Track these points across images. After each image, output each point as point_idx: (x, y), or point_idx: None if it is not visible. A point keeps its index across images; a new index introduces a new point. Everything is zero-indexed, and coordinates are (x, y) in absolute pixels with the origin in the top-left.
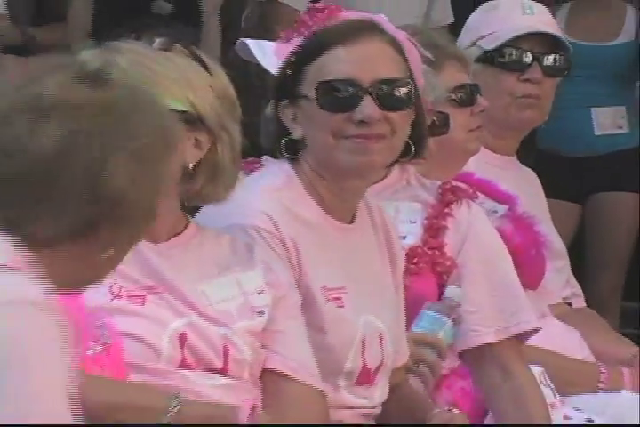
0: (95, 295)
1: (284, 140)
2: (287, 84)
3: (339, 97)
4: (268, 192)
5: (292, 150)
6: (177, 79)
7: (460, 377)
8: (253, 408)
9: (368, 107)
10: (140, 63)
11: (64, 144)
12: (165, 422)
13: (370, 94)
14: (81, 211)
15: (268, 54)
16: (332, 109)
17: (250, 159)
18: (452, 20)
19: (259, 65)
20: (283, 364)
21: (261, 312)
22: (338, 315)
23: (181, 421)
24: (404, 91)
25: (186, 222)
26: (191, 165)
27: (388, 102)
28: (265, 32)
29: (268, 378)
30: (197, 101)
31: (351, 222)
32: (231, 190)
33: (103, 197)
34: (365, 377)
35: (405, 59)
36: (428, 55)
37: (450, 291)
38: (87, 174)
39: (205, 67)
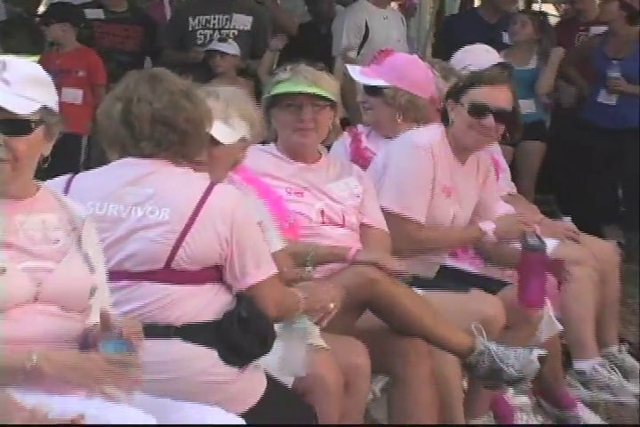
0: (279, 191)
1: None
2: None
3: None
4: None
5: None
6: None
7: None
8: (358, 249)
9: None
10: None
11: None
12: (309, 259)
13: None
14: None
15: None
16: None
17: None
18: None
19: None
20: (369, 219)
21: (358, 196)
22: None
23: (318, 257)
24: None
25: (319, 155)
26: None
27: None
28: None
29: (362, 229)
30: None
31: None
32: None
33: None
34: None
35: None
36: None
37: None
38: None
39: None
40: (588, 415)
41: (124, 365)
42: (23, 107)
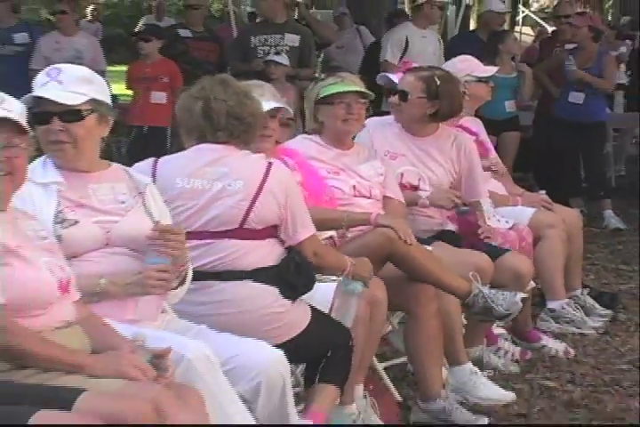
0: (321, 171)
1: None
2: None
3: None
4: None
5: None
6: None
7: None
8: (378, 213)
9: None
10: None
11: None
12: (344, 223)
13: None
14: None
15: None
16: None
17: None
18: None
19: None
20: (389, 192)
21: (382, 174)
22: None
23: (351, 221)
24: None
25: (353, 143)
26: None
27: None
28: None
29: (384, 200)
30: None
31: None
32: None
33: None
34: None
35: None
36: None
37: None
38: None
39: None
40: (553, 343)
41: (166, 273)
42: (73, 99)
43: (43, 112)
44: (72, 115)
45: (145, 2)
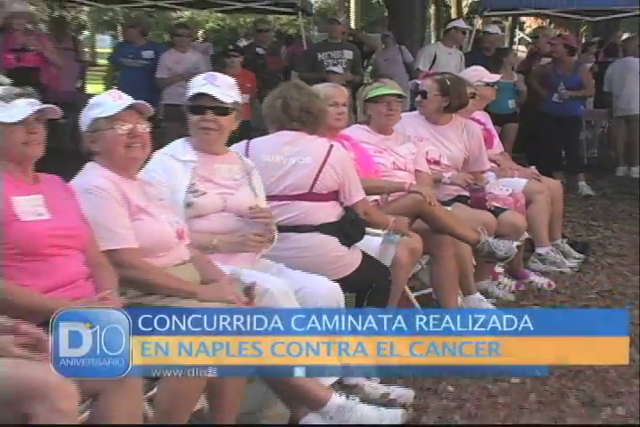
0: (369, 151)
1: None
2: None
3: None
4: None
5: None
6: None
7: None
8: (411, 183)
9: None
10: None
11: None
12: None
13: None
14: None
15: None
16: None
17: None
18: None
19: None
20: (419, 166)
21: (413, 153)
22: None
23: (391, 188)
24: None
25: (393, 130)
26: None
27: None
28: None
29: (416, 173)
30: None
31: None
32: None
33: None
34: None
35: None
36: None
37: None
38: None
39: None
40: (539, 279)
41: (261, 236)
42: (226, 99)
43: (200, 105)
44: (222, 110)
45: (239, 29)
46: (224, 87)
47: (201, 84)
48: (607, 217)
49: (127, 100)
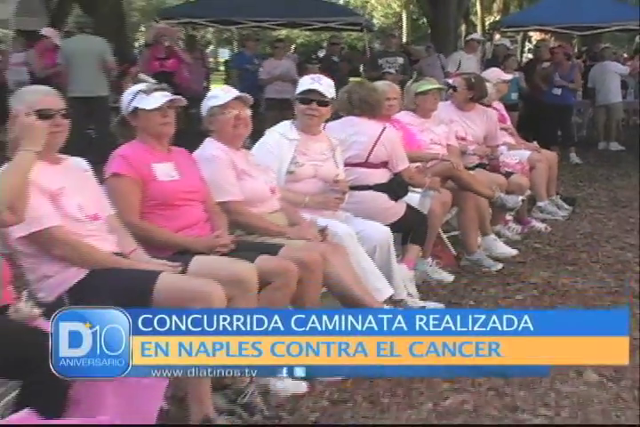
0: (413, 130)
1: None
2: None
3: None
4: None
5: None
6: None
7: None
8: (443, 154)
9: None
10: None
11: None
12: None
13: None
14: None
15: None
16: None
17: None
18: None
19: None
20: (450, 141)
21: (446, 131)
22: None
23: (429, 157)
24: None
25: (432, 115)
26: None
27: None
28: None
29: (447, 146)
30: None
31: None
32: None
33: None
34: None
35: None
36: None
37: None
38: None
39: None
40: (539, 225)
41: (340, 199)
42: (329, 94)
43: (308, 98)
44: (324, 102)
45: (322, 43)
46: (326, 86)
47: (309, 82)
48: (590, 179)
49: (234, 92)
